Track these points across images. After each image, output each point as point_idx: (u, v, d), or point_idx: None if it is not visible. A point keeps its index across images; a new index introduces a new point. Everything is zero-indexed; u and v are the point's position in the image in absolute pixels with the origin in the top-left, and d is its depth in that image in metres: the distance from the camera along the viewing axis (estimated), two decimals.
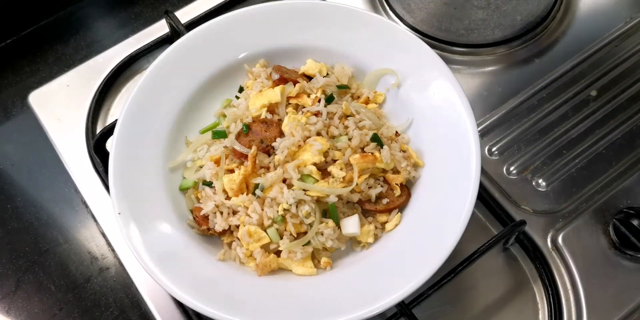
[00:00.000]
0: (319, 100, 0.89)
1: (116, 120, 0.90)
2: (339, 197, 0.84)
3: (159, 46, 1.11)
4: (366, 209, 0.88)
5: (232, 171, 0.87)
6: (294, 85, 0.92)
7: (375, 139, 0.88)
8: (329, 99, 0.90)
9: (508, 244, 0.95)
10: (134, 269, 0.94)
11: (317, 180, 0.84)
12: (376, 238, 0.87)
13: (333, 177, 0.85)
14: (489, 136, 1.04)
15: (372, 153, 0.87)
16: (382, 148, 0.88)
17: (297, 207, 0.83)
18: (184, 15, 1.13)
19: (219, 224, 0.85)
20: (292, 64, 0.99)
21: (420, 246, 0.81)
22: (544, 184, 0.99)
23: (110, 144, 0.89)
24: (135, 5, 1.24)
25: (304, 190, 0.83)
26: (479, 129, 1.03)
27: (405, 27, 1.14)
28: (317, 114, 0.89)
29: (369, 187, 0.87)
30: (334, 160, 0.86)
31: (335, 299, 0.79)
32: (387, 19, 1.00)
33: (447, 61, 0.91)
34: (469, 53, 1.12)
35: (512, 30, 1.12)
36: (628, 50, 1.11)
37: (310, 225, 0.84)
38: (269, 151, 0.86)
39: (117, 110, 1.09)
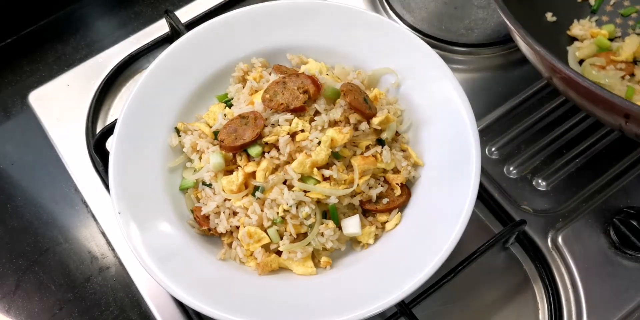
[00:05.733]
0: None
1: (116, 119, 0.90)
2: (340, 198, 0.84)
3: (159, 46, 1.11)
4: (366, 208, 0.88)
5: (230, 172, 0.87)
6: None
7: (379, 140, 0.89)
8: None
9: (508, 243, 0.95)
10: (134, 269, 0.94)
11: (319, 182, 0.84)
12: (376, 238, 0.87)
13: (334, 179, 0.84)
14: (489, 136, 1.04)
15: (373, 155, 0.87)
16: (382, 148, 0.88)
17: (297, 208, 0.83)
18: (184, 14, 1.13)
19: (222, 226, 0.85)
20: (292, 64, 0.99)
21: (420, 246, 0.81)
22: (544, 183, 0.99)
23: (110, 144, 0.89)
24: (135, 5, 1.24)
25: (304, 191, 0.83)
26: (479, 128, 1.03)
27: (406, 26, 1.14)
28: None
29: (370, 187, 0.87)
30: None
31: (335, 298, 0.79)
32: (387, 18, 1.00)
33: (447, 61, 0.91)
34: (469, 53, 1.12)
35: None
36: None
37: (311, 226, 0.84)
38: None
39: (117, 109, 1.09)
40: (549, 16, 1.02)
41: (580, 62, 0.99)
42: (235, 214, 0.86)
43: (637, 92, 0.91)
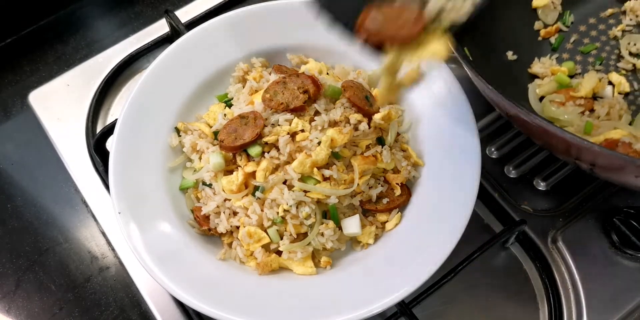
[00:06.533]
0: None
1: (116, 119, 0.90)
2: (340, 198, 0.84)
3: (159, 45, 1.11)
4: (366, 208, 0.88)
5: (230, 172, 0.87)
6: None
7: (379, 140, 0.89)
8: None
9: (508, 243, 0.95)
10: (134, 269, 0.94)
11: (319, 182, 0.84)
12: (376, 238, 0.87)
13: (334, 179, 0.84)
14: (489, 135, 1.03)
15: (373, 155, 0.87)
16: (382, 147, 0.88)
17: (297, 208, 0.83)
18: (184, 14, 1.13)
19: (222, 226, 0.85)
20: (292, 64, 0.99)
21: (420, 246, 0.81)
22: (543, 183, 0.99)
23: (111, 144, 0.89)
24: (135, 5, 1.24)
25: (304, 191, 0.83)
26: (479, 128, 1.02)
27: None
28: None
29: (370, 187, 0.87)
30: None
31: (335, 298, 0.79)
32: None
33: (447, 61, 0.91)
34: None
35: None
36: None
37: (311, 226, 0.84)
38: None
39: (117, 109, 1.09)
40: (510, 55, 1.03)
41: (541, 99, 1.00)
42: (235, 214, 0.86)
43: (595, 127, 0.92)
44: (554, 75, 1.01)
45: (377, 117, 0.87)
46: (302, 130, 0.85)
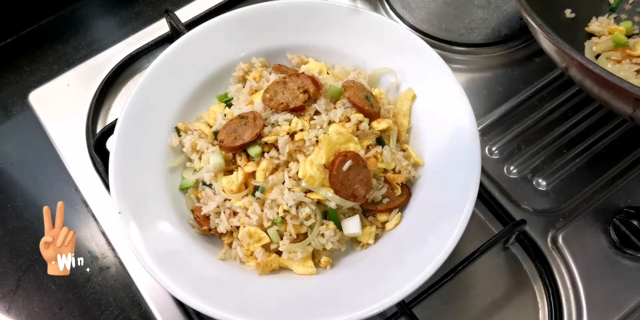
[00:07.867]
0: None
1: (116, 119, 0.90)
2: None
3: (159, 45, 1.11)
4: (367, 208, 0.88)
5: (230, 172, 0.87)
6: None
7: (379, 140, 0.89)
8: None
9: (508, 243, 0.95)
10: (134, 268, 0.94)
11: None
12: (376, 238, 0.87)
13: None
14: (489, 135, 1.04)
15: (374, 156, 0.87)
16: (382, 148, 0.88)
17: (297, 208, 0.83)
18: (184, 14, 1.13)
19: (222, 226, 0.85)
20: (292, 64, 0.99)
21: (420, 245, 0.81)
22: (544, 183, 0.99)
23: (111, 143, 0.89)
24: (135, 5, 1.24)
25: (304, 192, 0.83)
26: (479, 128, 1.03)
27: (406, 26, 1.14)
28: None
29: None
30: None
31: (335, 298, 0.79)
32: (387, 18, 1.00)
33: (448, 60, 0.91)
34: (470, 52, 1.12)
35: (512, 29, 1.12)
36: None
37: (311, 227, 0.84)
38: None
39: (118, 109, 1.09)
40: (568, 13, 1.05)
41: (597, 57, 1.01)
42: (235, 214, 0.86)
43: None
44: (610, 35, 1.03)
45: (376, 127, 0.87)
46: (302, 130, 0.85)
